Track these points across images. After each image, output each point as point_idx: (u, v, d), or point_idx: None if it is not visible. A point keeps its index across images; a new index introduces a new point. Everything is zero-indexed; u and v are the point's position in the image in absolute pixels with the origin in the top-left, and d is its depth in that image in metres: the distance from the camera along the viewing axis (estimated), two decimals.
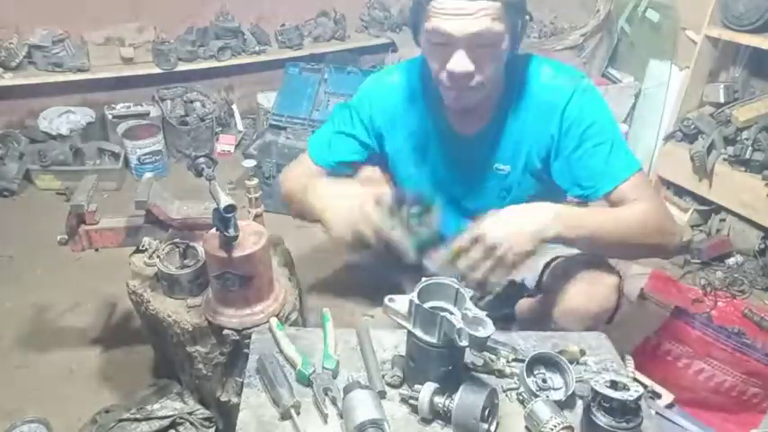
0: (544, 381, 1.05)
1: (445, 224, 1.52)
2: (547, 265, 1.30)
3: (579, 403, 1.03)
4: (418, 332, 0.97)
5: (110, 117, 3.00)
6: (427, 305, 0.95)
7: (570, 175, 1.25)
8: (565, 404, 1.02)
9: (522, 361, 1.06)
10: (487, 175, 1.35)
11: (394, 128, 1.37)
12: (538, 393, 1.01)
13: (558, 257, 1.28)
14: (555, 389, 1.04)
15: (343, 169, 1.39)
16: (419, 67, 1.34)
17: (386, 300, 0.99)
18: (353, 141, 1.39)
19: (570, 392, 1.02)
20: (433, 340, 0.96)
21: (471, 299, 0.98)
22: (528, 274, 1.33)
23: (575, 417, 1.00)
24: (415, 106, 1.34)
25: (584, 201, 1.28)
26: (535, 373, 1.06)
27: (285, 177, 1.48)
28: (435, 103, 1.30)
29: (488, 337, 0.91)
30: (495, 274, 1.08)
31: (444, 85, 1.17)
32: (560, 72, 1.26)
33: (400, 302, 0.98)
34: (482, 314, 0.94)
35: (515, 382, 1.07)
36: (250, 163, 1.71)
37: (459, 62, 1.11)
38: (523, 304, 1.36)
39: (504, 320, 1.47)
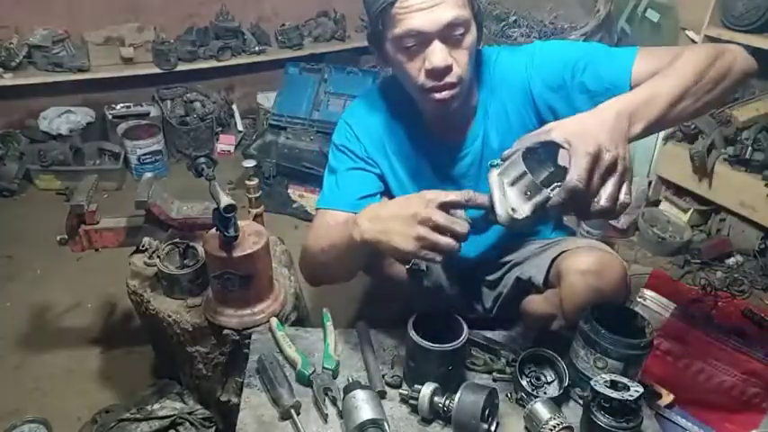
0: (538, 378, 1.05)
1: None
2: (553, 260, 1.29)
3: (578, 402, 1.04)
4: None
5: (110, 117, 3.00)
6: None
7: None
8: (561, 399, 1.02)
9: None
10: (483, 174, 1.34)
11: (384, 151, 1.33)
12: (533, 393, 1.02)
13: (564, 251, 1.28)
14: (548, 382, 1.05)
15: (370, 203, 1.27)
16: (386, 90, 1.33)
17: (509, 212, 0.90)
18: (364, 173, 1.31)
19: (565, 385, 1.02)
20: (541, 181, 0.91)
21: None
22: (535, 270, 1.32)
23: (571, 410, 1.00)
24: (397, 126, 1.32)
25: None
26: (527, 372, 1.06)
27: (310, 245, 1.24)
28: (415, 121, 1.29)
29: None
30: (627, 185, 0.87)
31: (425, 88, 1.14)
32: (516, 50, 1.27)
33: (518, 209, 0.90)
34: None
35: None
36: (250, 163, 1.71)
37: (438, 55, 1.08)
38: (531, 301, 1.35)
39: (509, 321, 1.48)
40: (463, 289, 1.52)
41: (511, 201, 0.90)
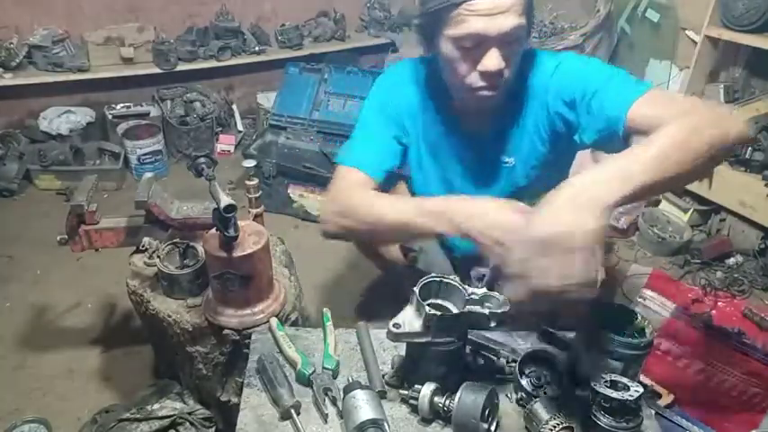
0: (538, 378, 1.05)
1: None
2: None
3: (578, 402, 1.04)
4: (437, 339, 0.95)
5: (110, 117, 3.01)
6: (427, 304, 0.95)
7: (595, 140, 1.15)
8: (561, 399, 1.02)
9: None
10: (496, 170, 1.37)
11: (414, 124, 1.37)
12: (533, 393, 1.01)
13: None
14: (548, 382, 1.05)
15: (388, 178, 1.31)
16: (425, 68, 1.35)
17: (390, 327, 0.94)
18: (394, 144, 1.33)
19: (566, 385, 1.02)
20: (453, 338, 0.96)
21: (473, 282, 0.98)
22: None
23: (571, 410, 1.00)
24: (428, 104, 1.35)
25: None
26: (527, 372, 1.06)
27: (334, 198, 1.26)
28: (445, 104, 1.32)
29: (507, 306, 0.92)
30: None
31: (473, 87, 1.17)
32: (547, 56, 1.27)
33: (406, 321, 0.95)
34: (483, 290, 0.95)
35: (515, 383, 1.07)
36: (250, 163, 1.70)
37: (494, 60, 1.11)
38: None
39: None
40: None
41: (402, 316, 0.96)
